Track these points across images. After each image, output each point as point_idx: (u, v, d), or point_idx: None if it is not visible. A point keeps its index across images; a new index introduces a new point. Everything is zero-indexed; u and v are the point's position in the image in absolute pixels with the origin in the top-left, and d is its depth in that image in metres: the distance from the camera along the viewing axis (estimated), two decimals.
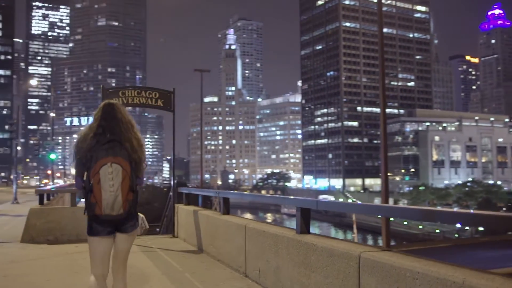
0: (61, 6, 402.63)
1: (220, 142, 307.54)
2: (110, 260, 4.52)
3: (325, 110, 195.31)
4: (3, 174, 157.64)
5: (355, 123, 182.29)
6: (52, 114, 77.77)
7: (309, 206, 5.50)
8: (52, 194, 17.59)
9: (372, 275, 3.99)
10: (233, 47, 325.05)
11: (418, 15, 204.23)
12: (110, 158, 4.28)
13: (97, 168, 4.22)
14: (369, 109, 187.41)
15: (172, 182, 12.92)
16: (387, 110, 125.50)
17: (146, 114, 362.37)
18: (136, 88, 11.57)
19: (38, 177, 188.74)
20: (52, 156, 56.17)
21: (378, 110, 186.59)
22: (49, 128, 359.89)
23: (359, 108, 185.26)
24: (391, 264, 3.79)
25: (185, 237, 10.72)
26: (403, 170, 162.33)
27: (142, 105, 11.67)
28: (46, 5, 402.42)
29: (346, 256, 4.39)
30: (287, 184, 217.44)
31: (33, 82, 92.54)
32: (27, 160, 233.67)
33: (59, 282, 6.78)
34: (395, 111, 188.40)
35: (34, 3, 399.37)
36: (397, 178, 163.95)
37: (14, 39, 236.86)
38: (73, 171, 4.47)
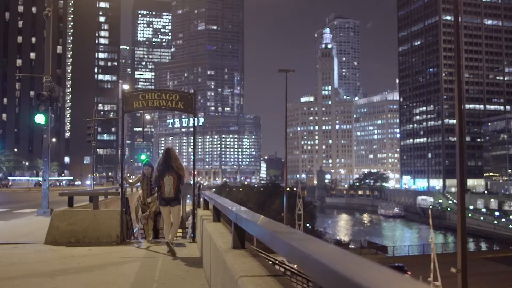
0: (164, 13, 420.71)
1: (317, 141, 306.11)
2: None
3: (424, 108, 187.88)
4: (110, 173, 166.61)
5: (456, 121, 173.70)
6: (147, 117, 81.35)
7: (232, 218, 5.00)
8: (106, 196, 18.08)
9: None
10: (329, 46, 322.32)
11: None
12: (167, 173, 9.89)
13: (163, 177, 9.88)
14: (472, 106, 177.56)
15: (193, 184, 12.43)
16: (492, 107, 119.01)
17: (243, 115, 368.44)
18: (156, 91, 11.51)
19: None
20: (143, 157, 58.86)
21: (481, 107, 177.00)
22: (153, 130, 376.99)
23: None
24: None
25: (199, 242, 10.50)
26: (510, 170, 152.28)
27: (162, 108, 11.60)
28: (150, 12, 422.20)
29: (232, 278, 3.90)
30: (384, 184, 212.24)
31: (125, 86, 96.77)
32: (131, 160, 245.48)
33: None
34: (501, 107, 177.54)
35: (139, 12, 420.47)
36: (504, 179, 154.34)
37: (121, 46, 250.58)
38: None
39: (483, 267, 53.96)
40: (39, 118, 18.83)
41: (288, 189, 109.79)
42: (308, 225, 79.60)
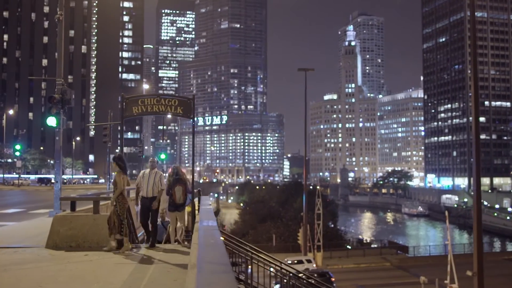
0: (187, 12, 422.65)
1: (340, 139, 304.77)
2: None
3: (449, 106, 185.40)
4: (134, 171, 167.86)
5: (482, 119, 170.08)
6: (169, 116, 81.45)
7: None
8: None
9: None
10: (352, 43, 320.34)
11: None
12: (177, 184, 11.81)
13: (174, 188, 11.78)
14: (498, 103, 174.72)
15: (192, 186, 12.66)
16: None
17: (266, 113, 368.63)
18: (155, 96, 11.57)
19: (166, 174, 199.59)
20: (162, 156, 59.11)
21: (508, 104, 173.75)
22: (176, 128, 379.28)
23: (486, 103, 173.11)
24: None
25: None
26: None
27: (161, 113, 11.65)
28: (174, 11, 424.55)
29: None
30: (408, 182, 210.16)
31: (145, 86, 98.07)
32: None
33: None
34: None
35: (163, 11, 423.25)
36: None
37: (145, 45, 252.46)
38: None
39: (506, 268, 52.96)
40: (51, 121, 19.00)
41: (311, 187, 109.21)
42: (330, 223, 78.97)
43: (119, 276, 8.18)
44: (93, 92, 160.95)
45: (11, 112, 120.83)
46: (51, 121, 19.03)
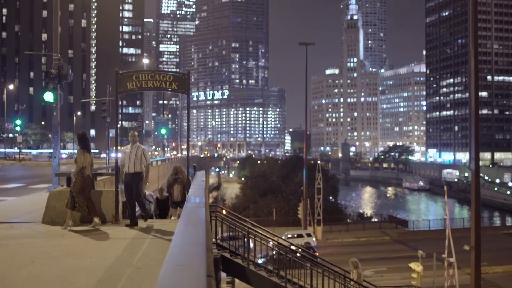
0: None
1: (342, 114, 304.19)
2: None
3: (451, 80, 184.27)
4: None
5: (484, 93, 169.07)
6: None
7: None
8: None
9: None
10: (355, 17, 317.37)
11: None
12: (176, 183, 14.07)
13: (173, 187, 14.08)
14: (501, 78, 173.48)
15: (187, 161, 12.82)
16: None
17: (267, 87, 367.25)
18: (150, 72, 11.48)
19: (168, 149, 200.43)
20: (163, 131, 59.41)
21: (511, 79, 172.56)
22: (178, 102, 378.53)
23: (489, 77, 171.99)
24: None
25: None
26: None
27: (156, 89, 11.58)
28: None
29: None
30: (409, 157, 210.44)
31: (145, 61, 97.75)
32: (156, 133, 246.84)
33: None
34: None
35: None
36: None
37: (145, 19, 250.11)
38: None
39: (505, 242, 53.38)
40: (48, 96, 18.99)
41: (312, 161, 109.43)
42: (330, 198, 79.33)
43: (113, 251, 8.25)
44: (93, 67, 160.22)
45: (11, 87, 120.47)
46: (48, 96, 19.03)
